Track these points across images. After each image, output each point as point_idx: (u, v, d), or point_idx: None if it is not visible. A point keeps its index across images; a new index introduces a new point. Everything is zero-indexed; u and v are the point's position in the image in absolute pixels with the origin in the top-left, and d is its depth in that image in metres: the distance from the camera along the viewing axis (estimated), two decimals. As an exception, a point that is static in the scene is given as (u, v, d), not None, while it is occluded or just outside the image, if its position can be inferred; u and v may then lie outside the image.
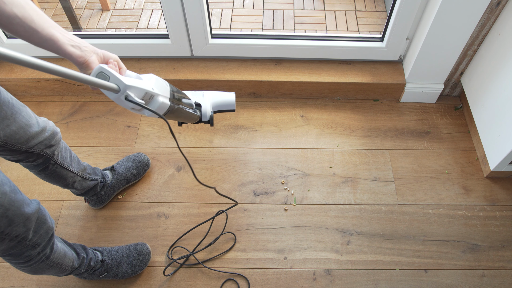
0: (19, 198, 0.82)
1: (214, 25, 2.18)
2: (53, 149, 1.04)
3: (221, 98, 1.22)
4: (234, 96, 1.22)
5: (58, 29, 0.74)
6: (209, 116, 1.16)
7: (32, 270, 0.94)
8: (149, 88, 0.82)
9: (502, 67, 1.33)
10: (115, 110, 1.65)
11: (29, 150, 0.97)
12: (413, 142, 1.56)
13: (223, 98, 1.22)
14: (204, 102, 1.17)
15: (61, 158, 1.09)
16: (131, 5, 2.31)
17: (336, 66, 1.65)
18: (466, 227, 1.35)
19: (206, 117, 1.16)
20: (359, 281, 1.25)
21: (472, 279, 1.25)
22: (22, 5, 0.69)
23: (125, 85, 0.76)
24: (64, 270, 1.03)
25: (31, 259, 0.90)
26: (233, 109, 1.23)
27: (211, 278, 1.26)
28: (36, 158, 1.02)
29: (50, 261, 0.95)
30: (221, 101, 1.22)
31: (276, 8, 2.27)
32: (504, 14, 1.31)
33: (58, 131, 1.05)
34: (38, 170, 1.07)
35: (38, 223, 0.87)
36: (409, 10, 1.41)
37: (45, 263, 0.93)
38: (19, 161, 1.01)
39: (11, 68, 1.64)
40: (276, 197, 1.42)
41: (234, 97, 1.22)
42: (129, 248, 1.25)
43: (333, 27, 2.17)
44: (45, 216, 0.90)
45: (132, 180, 1.42)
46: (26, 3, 0.70)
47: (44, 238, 0.90)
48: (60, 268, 1.01)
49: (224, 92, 1.23)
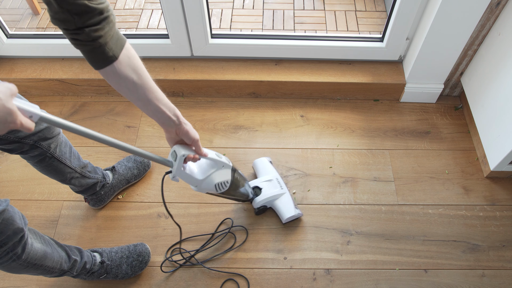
0: None
1: (214, 25, 2.17)
2: (49, 142, 1.05)
3: (281, 206, 1.33)
4: (293, 215, 1.31)
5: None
6: (257, 208, 1.33)
7: (6, 268, 0.93)
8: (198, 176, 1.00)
9: (502, 67, 1.33)
10: (115, 110, 1.65)
11: (19, 140, 0.98)
12: (413, 142, 1.56)
13: (282, 207, 1.32)
14: (265, 194, 1.31)
15: (59, 153, 1.10)
16: (131, 5, 2.31)
17: (336, 66, 1.65)
18: (466, 227, 1.35)
19: (255, 205, 1.32)
20: (359, 281, 1.25)
21: (472, 279, 1.25)
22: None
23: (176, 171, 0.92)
24: (49, 271, 1.02)
25: (0, 258, 0.89)
26: (283, 221, 1.33)
27: (211, 278, 1.26)
28: (30, 149, 1.02)
29: (23, 261, 0.93)
30: (278, 207, 1.33)
31: (276, 8, 2.27)
32: (504, 14, 1.31)
33: None
34: (35, 162, 1.09)
35: (4, 224, 0.86)
36: (409, 10, 1.41)
37: (17, 262, 0.92)
38: (12, 151, 1.01)
39: (11, 68, 1.64)
40: (276, 197, 1.42)
41: (291, 214, 1.31)
42: (129, 249, 1.25)
43: (333, 27, 2.17)
44: (13, 217, 0.89)
45: (132, 180, 1.42)
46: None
47: (12, 238, 0.89)
48: (42, 269, 0.99)
49: (292, 204, 1.33)
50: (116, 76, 0.77)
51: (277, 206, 1.33)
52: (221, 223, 1.36)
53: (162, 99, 0.84)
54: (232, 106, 1.67)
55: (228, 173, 1.08)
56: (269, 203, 1.33)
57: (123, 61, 0.76)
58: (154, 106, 0.83)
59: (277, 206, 1.33)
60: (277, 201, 1.33)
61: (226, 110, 1.66)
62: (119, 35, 0.76)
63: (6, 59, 1.67)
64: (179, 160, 0.90)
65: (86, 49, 0.74)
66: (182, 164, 0.92)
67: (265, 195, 1.31)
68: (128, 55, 0.77)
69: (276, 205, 1.33)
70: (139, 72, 0.79)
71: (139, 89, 0.79)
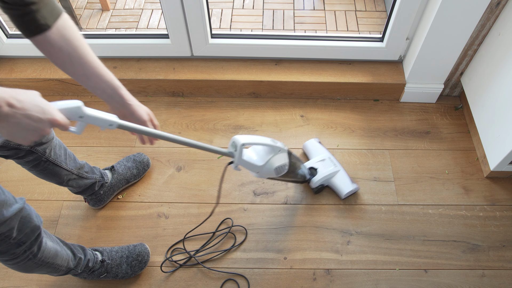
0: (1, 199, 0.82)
1: (214, 25, 2.17)
2: (44, 147, 1.04)
3: (338, 182, 1.38)
4: (350, 189, 1.37)
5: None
6: (316, 187, 1.37)
7: (20, 268, 0.93)
8: (255, 162, 1.05)
9: (502, 67, 1.33)
10: (115, 110, 1.65)
11: (17, 147, 0.97)
12: (413, 142, 1.56)
13: (339, 182, 1.38)
14: (321, 173, 1.36)
15: (54, 156, 1.09)
16: (131, 5, 2.31)
17: (336, 66, 1.65)
18: (466, 227, 1.35)
19: (313, 184, 1.37)
20: (359, 281, 1.25)
21: (472, 279, 1.25)
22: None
23: (237, 158, 0.99)
24: (58, 270, 1.03)
25: (17, 257, 0.89)
26: (341, 197, 1.40)
27: (211, 278, 1.26)
28: (25, 154, 1.01)
29: (38, 260, 0.94)
30: (336, 184, 1.39)
31: (276, 8, 2.27)
32: (504, 14, 1.31)
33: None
34: (30, 167, 1.08)
35: (23, 222, 0.86)
36: (409, 10, 1.41)
37: (33, 261, 0.93)
38: (8, 157, 1.00)
39: (11, 68, 1.64)
40: (276, 197, 1.42)
41: (349, 189, 1.37)
42: (128, 248, 1.25)
43: (333, 27, 2.17)
44: (30, 215, 0.89)
45: (132, 180, 1.42)
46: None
47: (30, 236, 0.89)
48: (52, 267, 1.00)
49: (349, 180, 1.39)
50: (48, 46, 0.73)
51: (334, 183, 1.39)
52: (221, 223, 1.36)
53: (104, 75, 0.80)
54: (232, 106, 1.67)
55: (285, 156, 1.13)
56: (326, 181, 1.39)
57: (56, 32, 0.72)
58: (94, 82, 0.79)
59: (334, 183, 1.39)
60: (333, 179, 1.39)
61: (226, 110, 1.66)
62: (56, 5, 0.73)
63: (6, 59, 1.67)
64: (239, 149, 0.96)
65: (16, 14, 0.70)
66: (242, 153, 0.98)
67: (322, 175, 1.36)
68: (64, 26, 0.73)
69: (333, 183, 1.39)
70: (76, 44, 0.75)
71: (76, 62, 0.75)
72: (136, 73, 1.63)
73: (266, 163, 1.06)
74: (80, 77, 0.78)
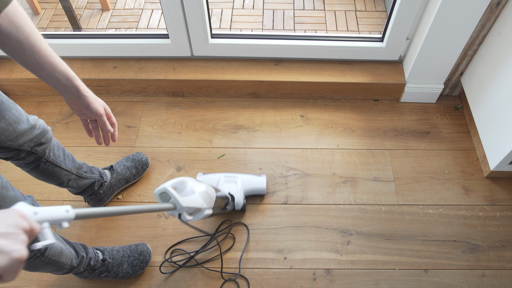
0: (10, 195, 0.81)
1: (214, 25, 2.17)
2: (44, 147, 1.04)
3: (253, 185, 1.39)
4: (265, 181, 1.40)
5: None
6: (242, 205, 1.34)
7: (27, 266, 0.94)
8: (199, 205, 0.95)
9: (502, 67, 1.33)
10: (115, 110, 1.65)
11: (19, 148, 0.97)
12: (413, 142, 1.56)
13: (255, 184, 1.39)
14: (237, 192, 1.34)
15: (53, 156, 1.09)
16: (131, 5, 2.31)
17: (336, 66, 1.65)
18: (466, 227, 1.35)
19: (239, 206, 1.34)
20: (359, 281, 1.25)
21: (472, 279, 1.25)
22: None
23: (181, 206, 0.87)
24: (62, 268, 1.03)
25: None
26: (264, 193, 1.41)
27: (211, 278, 1.26)
28: (26, 155, 1.01)
29: (45, 258, 0.94)
30: (253, 188, 1.39)
31: (276, 8, 2.27)
32: (504, 14, 1.31)
33: (48, 129, 1.04)
34: (30, 169, 1.07)
35: None
36: (409, 10, 1.41)
37: (40, 259, 0.93)
38: (9, 158, 1.00)
39: (11, 68, 1.64)
40: (276, 197, 1.42)
41: (265, 182, 1.40)
42: (130, 248, 1.25)
43: (333, 27, 2.17)
44: None
45: (131, 179, 1.42)
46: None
47: None
48: (57, 265, 1.00)
49: (256, 176, 1.40)
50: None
51: (250, 189, 1.38)
52: (221, 223, 1.36)
53: (58, 65, 0.78)
54: (232, 106, 1.67)
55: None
56: (244, 194, 1.37)
57: (5, 18, 0.69)
58: (48, 71, 0.77)
59: (250, 190, 1.38)
60: (246, 188, 1.38)
61: (226, 110, 1.66)
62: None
63: (6, 59, 1.67)
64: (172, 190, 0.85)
65: None
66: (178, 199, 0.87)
67: (238, 192, 1.34)
68: (15, 12, 0.71)
69: (249, 190, 1.38)
70: (27, 31, 0.72)
71: (27, 50, 0.73)
72: (136, 73, 1.63)
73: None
74: (33, 66, 0.76)
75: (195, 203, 0.94)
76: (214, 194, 1.08)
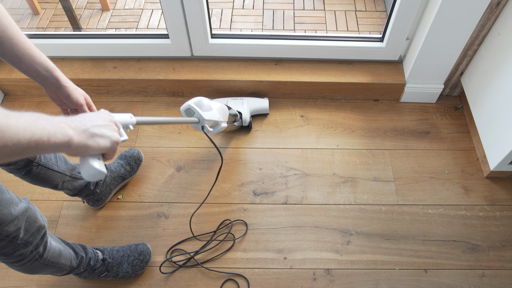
0: (6, 198, 0.81)
1: (214, 25, 2.17)
2: None
3: (257, 105, 1.58)
4: (268, 102, 1.60)
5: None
6: (248, 122, 1.53)
7: (26, 269, 0.93)
8: (217, 118, 1.19)
9: (502, 67, 1.33)
10: (115, 110, 1.65)
11: None
12: (413, 142, 1.56)
13: (258, 104, 1.58)
14: (244, 110, 1.53)
15: (45, 160, 1.07)
16: (131, 5, 2.31)
17: (336, 66, 1.65)
18: (466, 227, 1.35)
19: (246, 122, 1.53)
20: (359, 281, 1.25)
21: (472, 279, 1.25)
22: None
23: (203, 119, 1.12)
24: (62, 269, 1.03)
25: (24, 258, 0.89)
26: (267, 113, 1.60)
27: (211, 278, 1.26)
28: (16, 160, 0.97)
29: (44, 260, 0.94)
30: (257, 107, 1.58)
31: (276, 8, 2.27)
32: (504, 14, 1.31)
33: None
34: (22, 174, 1.04)
35: (29, 222, 0.86)
36: (409, 10, 1.41)
37: (39, 261, 0.93)
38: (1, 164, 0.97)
39: (11, 68, 1.64)
40: (276, 197, 1.42)
41: (267, 102, 1.60)
42: (130, 248, 1.25)
43: (333, 27, 2.17)
44: (36, 215, 0.89)
45: (127, 176, 1.41)
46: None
47: (36, 236, 0.89)
48: (56, 267, 1.00)
49: (259, 98, 1.61)
50: None
51: (255, 109, 1.58)
52: (221, 223, 1.36)
53: (37, 56, 0.78)
54: (232, 106, 1.67)
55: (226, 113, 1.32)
56: (251, 113, 1.56)
57: None
58: (27, 63, 0.77)
59: (255, 109, 1.58)
60: (251, 108, 1.57)
61: (226, 110, 1.66)
62: None
63: (6, 59, 1.67)
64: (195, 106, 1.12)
65: None
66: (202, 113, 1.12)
67: (245, 110, 1.53)
68: None
69: (254, 110, 1.58)
70: (4, 23, 0.72)
71: (5, 43, 0.73)
72: (136, 73, 1.63)
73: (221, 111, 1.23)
74: (12, 59, 0.76)
75: (214, 116, 1.16)
76: (227, 110, 1.31)
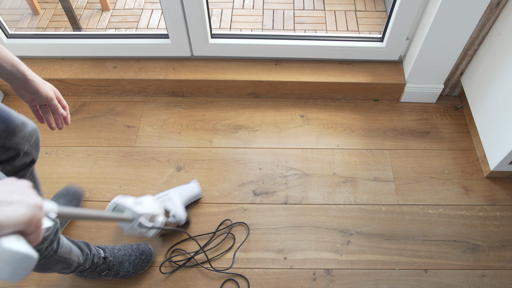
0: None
1: (214, 25, 2.18)
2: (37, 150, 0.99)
3: (188, 195, 1.36)
4: (198, 186, 1.38)
5: None
6: (185, 219, 1.31)
7: (41, 266, 0.93)
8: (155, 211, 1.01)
9: (502, 67, 1.33)
10: (115, 110, 1.65)
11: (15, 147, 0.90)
12: (413, 142, 1.56)
13: (189, 193, 1.36)
14: (174, 207, 1.28)
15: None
16: (131, 5, 2.31)
17: (336, 66, 1.65)
18: (466, 227, 1.35)
19: (182, 221, 1.29)
20: (359, 281, 1.25)
21: (472, 279, 1.25)
22: None
23: (137, 214, 0.93)
24: (71, 265, 1.03)
25: (40, 254, 0.89)
26: (200, 197, 1.40)
27: (211, 278, 1.26)
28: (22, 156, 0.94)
29: (58, 256, 0.94)
30: (188, 197, 1.36)
31: (276, 8, 2.27)
32: (504, 14, 1.31)
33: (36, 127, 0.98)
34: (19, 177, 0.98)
35: None
36: (409, 10, 1.41)
37: (53, 257, 0.93)
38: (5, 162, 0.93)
39: (11, 68, 1.64)
40: (276, 197, 1.42)
41: (198, 187, 1.38)
42: (132, 247, 1.25)
43: (333, 27, 2.17)
44: None
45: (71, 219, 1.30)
46: None
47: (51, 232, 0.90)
48: (67, 263, 1.00)
49: (187, 185, 1.37)
50: None
51: (187, 199, 1.36)
52: (221, 223, 1.36)
53: (1, 52, 0.77)
54: (232, 106, 1.67)
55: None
56: (185, 204, 1.35)
57: None
58: None
59: (187, 200, 1.36)
60: (183, 199, 1.34)
61: (226, 110, 1.66)
62: None
63: (6, 59, 1.67)
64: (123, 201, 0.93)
65: None
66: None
67: (178, 207, 1.30)
68: None
69: (186, 201, 1.35)
70: None
71: None
72: (136, 73, 1.63)
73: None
74: None
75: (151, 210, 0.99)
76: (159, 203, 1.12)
